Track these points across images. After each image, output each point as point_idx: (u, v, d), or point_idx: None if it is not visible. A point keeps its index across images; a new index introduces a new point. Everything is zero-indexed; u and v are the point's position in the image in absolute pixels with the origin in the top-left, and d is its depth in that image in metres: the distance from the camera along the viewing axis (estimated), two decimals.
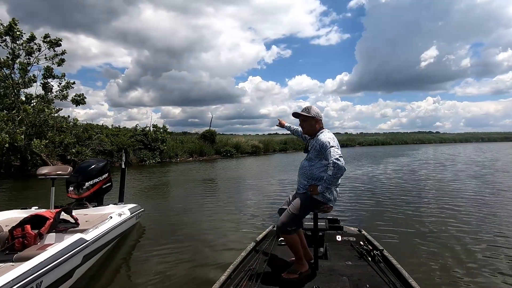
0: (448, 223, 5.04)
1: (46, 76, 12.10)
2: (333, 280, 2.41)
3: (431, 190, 8.26)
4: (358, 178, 10.86)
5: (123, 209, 4.61)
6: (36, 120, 10.89)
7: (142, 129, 19.30)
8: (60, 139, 11.62)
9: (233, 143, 25.55)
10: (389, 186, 9.03)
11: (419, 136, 65.68)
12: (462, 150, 29.30)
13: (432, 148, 37.91)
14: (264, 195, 7.98)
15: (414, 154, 25.17)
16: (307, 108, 2.62)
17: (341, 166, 2.25)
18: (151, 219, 5.69)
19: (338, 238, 3.29)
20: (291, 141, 32.12)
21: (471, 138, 65.88)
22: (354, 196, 7.43)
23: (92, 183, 4.89)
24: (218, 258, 3.75)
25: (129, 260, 3.92)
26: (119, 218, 4.18)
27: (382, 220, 5.29)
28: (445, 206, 6.28)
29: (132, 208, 4.87)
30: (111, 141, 16.80)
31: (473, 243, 4.07)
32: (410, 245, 4.06)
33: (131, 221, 4.72)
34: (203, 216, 5.86)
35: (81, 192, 4.75)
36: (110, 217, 4.01)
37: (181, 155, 20.75)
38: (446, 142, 58.90)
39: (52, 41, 12.18)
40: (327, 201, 2.46)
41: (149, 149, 18.39)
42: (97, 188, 4.97)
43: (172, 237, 4.65)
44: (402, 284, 2.30)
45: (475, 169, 13.16)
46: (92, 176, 4.91)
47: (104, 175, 5.10)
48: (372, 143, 52.53)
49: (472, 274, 3.17)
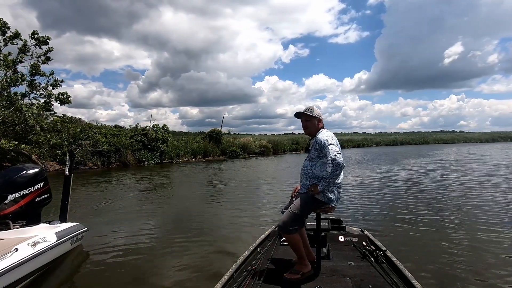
0: (454, 226, 4.84)
1: (33, 73, 11.45)
2: (336, 281, 2.39)
3: (444, 193, 7.79)
4: (364, 178, 10.65)
5: (51, 232, 3.59)
6: (14, 119, 10.17)
7: (143, 128, 18.55)
8: (45, 140, 10.88)
9: (240, 143, 24.50)
10: (396, 187, 8.75)
11: (441, 135, 62.54)
12: (490, 151, 26.78)
13: (455, 148, 35.39)
14: (267, 196, 7.88)
15: (433, 154, 23.24)
16: (310, 108, 2.61)
17: (339, 162, 2.26)
18: (102, 240, 4.65)
19: (341, 239, 3.27)
20: (303, 141, 30.68)
21: (499, 137, 61.44)
22: (358, 196, 7.29)
23: (19, 195, 3.90)
24: (221, 258, 3.71)
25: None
26: (34, 247, 3.15)
27: (385, 221, 5.20)
28: (454, 208, 6.01)
29: (67, 229, 3.87)
30: (109, 141, 16.10)
31: (480, 248, 3.90)
32: (413, 246, 3.99)
33: (63, 247, 3.70)
34: (202, 217, 5.69)
35: (1, 208, 3.76)
36: (15, 249, 2.97)
37: (184, 156, 19.89)
38: (471, 142, 55.55)
39: (39, 38, 11.55)
40: (328, 201, 2.44)
41: (149, 149, 17.61)
42: (27, 201, 3.98)
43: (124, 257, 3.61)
44: (405, 285, 2.28)
45: (504, 170, 11.43)
46: (19, 187, 3.92)
47: (38, 185, 4.10)
48: (390, 143, 50.36)
49: (477, 277, 3.10)
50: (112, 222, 5.56)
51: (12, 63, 11.05)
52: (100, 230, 4.98)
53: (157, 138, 18.10)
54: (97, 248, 4.22)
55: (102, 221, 5.59)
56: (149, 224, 5.41)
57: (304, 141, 30.26)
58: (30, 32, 11.77)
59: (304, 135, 2.70)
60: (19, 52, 11.74)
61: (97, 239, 4.57)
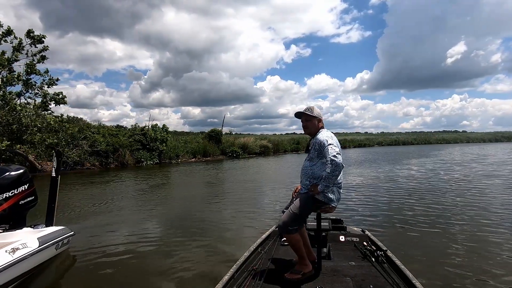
0: (456, 226, 4.77)
1: (28, 72, 11.27)
2: (336, 281, 2.38)
3: (445, 193, 7.67)
4: (365, 178, 10.51)
5: (34, 237, 3.40)
6: (8, 119, 9.99)
7: (141, 128, 18.37)
8: (40, 140, 10.69)
9: (240, 143, 24.31)
10: (397, 187, 8.64)
11: (444, 135, 62.13)
12: (493, 151, 26.45)
13: (458, 148, 35.06)
14: (267, 196, 7.79)
15: (435, 154, 22.93)
16: (310, 108, 2.59)
17: (338, 163, 2.23)
18: (90, 242, 4.45)
19: (342, 239, 3.24)
20: (304, 141, 30.47)
21: (502, 137, 60.90)
22: (359, 196, 7.22)
23: (1, 198, 3.72)
24: (221, 258, 3.68)
25: None
26: (13, 254, 2.97)
27: (386, 221, 5.15)
28: (455, 209, 5.94)
29: (52, 233, 3.67)
30: (108, 141, 15.94)
31: (482, 248, 3.84)
32: (414, 246, 3.95)
33: (46, 253, 3.51)
34: (201, 217, 5.61)
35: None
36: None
37: (183, 156, 19.71)
38: (474, 142, 55.13)
39: (35, 37, 11.38)
40: (328, 201, 2.42)
41: (148, 149, 17.43)
42: (10, 204, 3.79)
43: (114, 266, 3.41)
44: (406, 285, 2.26)
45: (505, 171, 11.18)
46: (2, 189, 3.73)
47: (22, 187, 3.91)
48: (392, 143, 50.08)
49: (478, 278, 3.07)
50: (105, 224, 5.37)
51: (7, 62, 10.88)
52: (91, 233, 4.79)
53: (156, 138, 17.93)
54: (85, 253, 4.01)
55: (94, 224, 5.40)
56: (146, 226, 5.24)
57: (305, 141, 30.06)
58: (33, 32, 11.59)
59: (305, 135, 2.71)
60: (13, 50, 11.58)
61: (87, 243, 4.36)
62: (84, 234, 4.70)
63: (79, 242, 4.34)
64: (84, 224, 5.36)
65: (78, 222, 5.45)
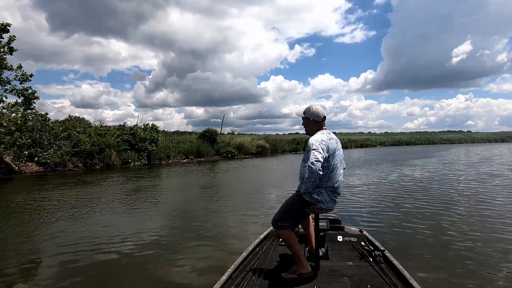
0: (454, 226, 4.72)
1: None
2: (334, 281, 2.38)
3: (445, 193, 7.53)
4: (364, 178, 10.37)
5: None
6: None
7: (130, 128, 17.68)
8: (10, 140, 9.99)
9: (235, 143, 23.55)
10: (396, 187, 8.54)
11: (448, 135, 60.92)
12: (498, 151, 25.37)
13: (462, 148, 34.01)
14: (265, 198, 7.70)
15: (439, 155, 21.99)
16: (307, 108, 2.61)
17: (314, 170, 2.21)
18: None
19: (339, 239, 3.22)
20: (303, 141, 29.64)
21: (508, 137, 59.47)
22: (357, 196, 7.17)
23: None
24: (219, 258, 3.69)
25: None
26: None
27: (384, 221, 5.15)
28: (454, 209, 5.85)
29: None
30: (94, 141, 15.26)
31: (480, 249, 3.80)
32: (412, 246, 3.94)
33: None
34: (200, 219, 5.49)
35: None
36: None
37: (174, 157, 18.98)
38: (479, 142, 53.91)
39: None
40: (315, 202, 2.40)
41: (136, 150, 16.73)
42: None
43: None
44: (404, 284, 2.28)
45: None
46: None
47: None
48: (395, 143, 49.02)
49: (476, 278, 3.06)
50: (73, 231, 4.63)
51: None
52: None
53: (145, 138, 17.23)
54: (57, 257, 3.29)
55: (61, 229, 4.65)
56: (140, 227, 5.00)
57: (304, 142, 29.27)
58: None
59: (307, 136, 2.35)
60: None
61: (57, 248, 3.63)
62: None
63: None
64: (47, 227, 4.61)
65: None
